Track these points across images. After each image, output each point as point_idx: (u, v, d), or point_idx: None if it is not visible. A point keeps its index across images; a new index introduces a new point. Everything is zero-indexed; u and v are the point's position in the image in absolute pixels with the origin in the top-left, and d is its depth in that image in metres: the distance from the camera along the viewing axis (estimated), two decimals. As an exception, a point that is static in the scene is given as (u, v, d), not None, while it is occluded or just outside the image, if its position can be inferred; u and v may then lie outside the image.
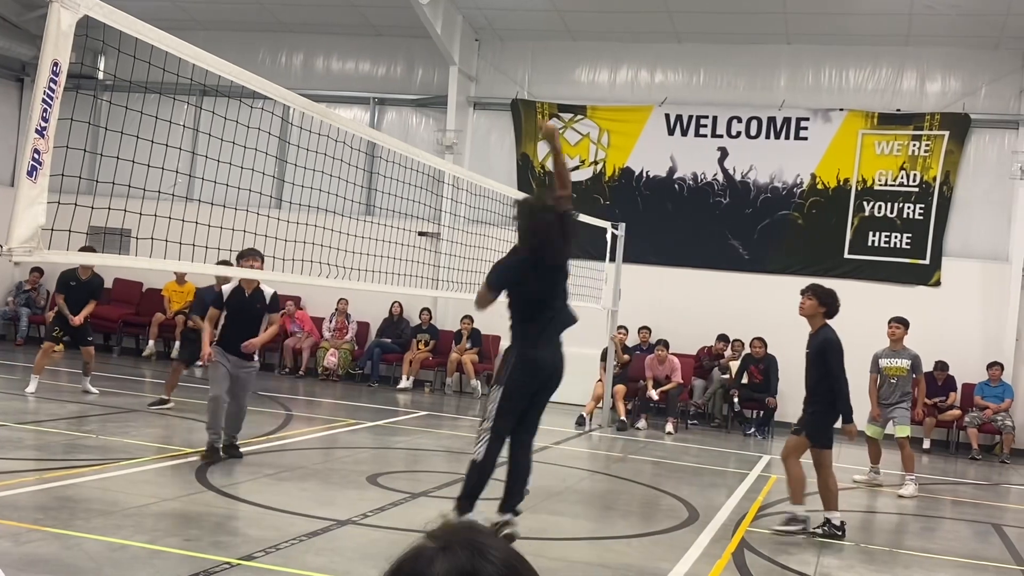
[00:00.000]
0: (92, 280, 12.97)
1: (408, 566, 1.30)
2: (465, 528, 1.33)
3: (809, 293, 8.50)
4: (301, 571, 5.98)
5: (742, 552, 7.43)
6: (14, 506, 6.77)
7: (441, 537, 1.32)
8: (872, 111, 16.10)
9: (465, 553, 1.30)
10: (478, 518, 6.16)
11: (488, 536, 1.33)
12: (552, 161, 6.69)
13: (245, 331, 9.29)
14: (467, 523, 1.35)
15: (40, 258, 4.40)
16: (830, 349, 8.22)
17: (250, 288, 9.33)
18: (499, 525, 6.52)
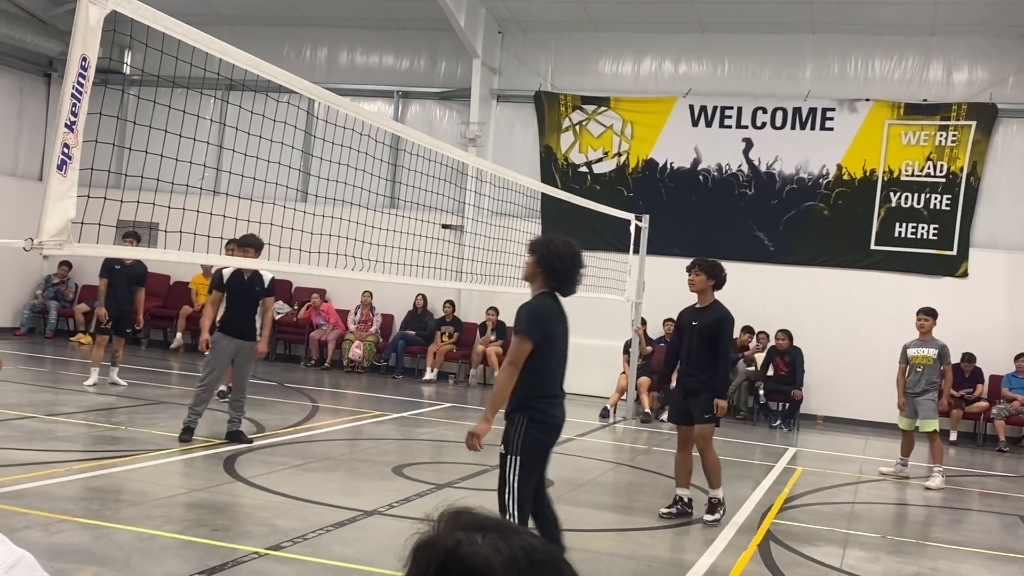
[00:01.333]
0: (136, 266, 13.07)
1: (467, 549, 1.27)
2: (466, 511, 1.34)
3: (696, 269, 8.38)
4: (328, 561, 6.03)
5: (768, 544, 7.42)
6: (45, 496, 6.86)
7: (455, 523, 1.31)
8: (898, 101, 15.98)
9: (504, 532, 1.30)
10: None
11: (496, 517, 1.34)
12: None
13: (245, 314, 9.46)
14: (461, 507, 1.35)
15: (70, 251, 4.44)
16: (728, 326, 8.17)
17: (248, 272, 9.44)
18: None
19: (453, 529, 1.31)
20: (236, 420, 9.59)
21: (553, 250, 5.80)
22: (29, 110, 18.70)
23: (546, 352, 5.70)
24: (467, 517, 1.33)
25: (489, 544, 1.28)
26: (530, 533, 1.32)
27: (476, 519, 1.33)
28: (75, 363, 15.63)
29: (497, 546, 1.28)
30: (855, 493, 10.17)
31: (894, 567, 7.23)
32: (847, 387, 15.60)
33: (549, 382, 5.80)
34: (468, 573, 1.26)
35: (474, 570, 1.26)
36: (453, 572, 1.26)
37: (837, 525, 8.41)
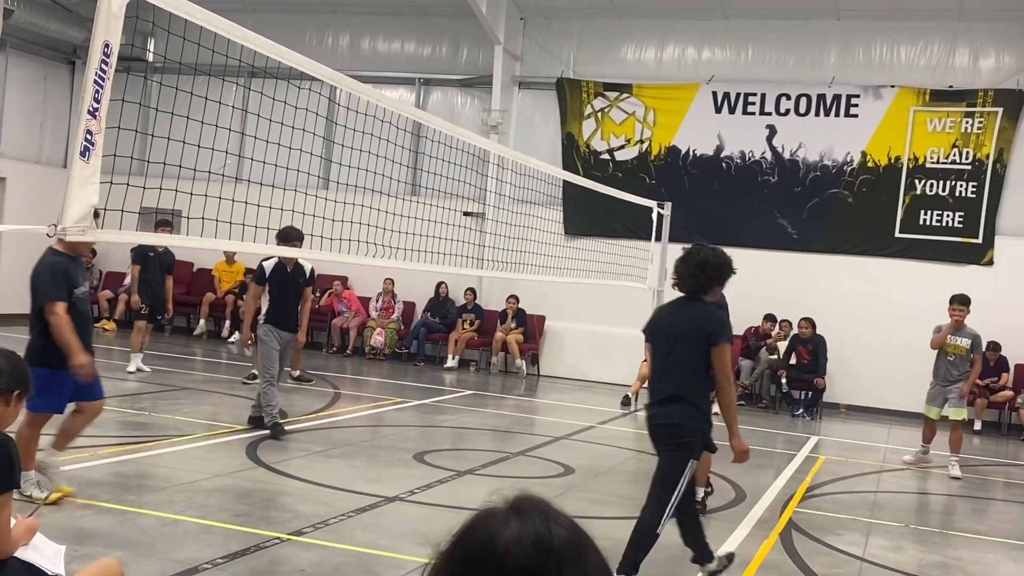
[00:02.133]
0: (167, 254, 13.25)
1: (480, 526, 1.32)
2: (531, 496, 1.36)
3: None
4: (350, 546, 6.06)
5: (790, 533, 7.39)
6: (70, 481, 6.91)
7: (511, 503, 1.34)
8: (924, 88, 15.82)
9: (538, 516, 1.32)
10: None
11: (553, 505, 1.36)
12: None
13: (290, 306, 9.39)
14: (532, 494, 1.37)
15: (93, 237, 4.47)
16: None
17: (291, 264, 9.41)
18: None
19: (497, 508, 1.35)
20: (259, 406, 9.55)
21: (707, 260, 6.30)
22: (53, 97, 18.80)
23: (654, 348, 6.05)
24: (520, 500, 1.36)
25: (504, 524, 1.31)
26: (566, 525, 1.32)
27: (523, 502, 1.35)
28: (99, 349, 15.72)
29: (510, 526, 1.31)
30: (878, 482, 10.12)
31: (917, 556, 7.19)
32: (870, 375, 15.51)
33: (653, 379, 6.09)
34: (475, 545, 1.31)
35: (477, 542, 1.31)
36: (466, 540, 1.32)
37: (860, 514, 8.37)
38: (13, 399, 3.49)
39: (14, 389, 3.48)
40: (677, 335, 5.91)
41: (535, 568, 1.26)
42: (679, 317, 6.04)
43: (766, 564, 6.52)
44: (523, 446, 10.29)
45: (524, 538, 1.29)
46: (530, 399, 14.63)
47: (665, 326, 6.07)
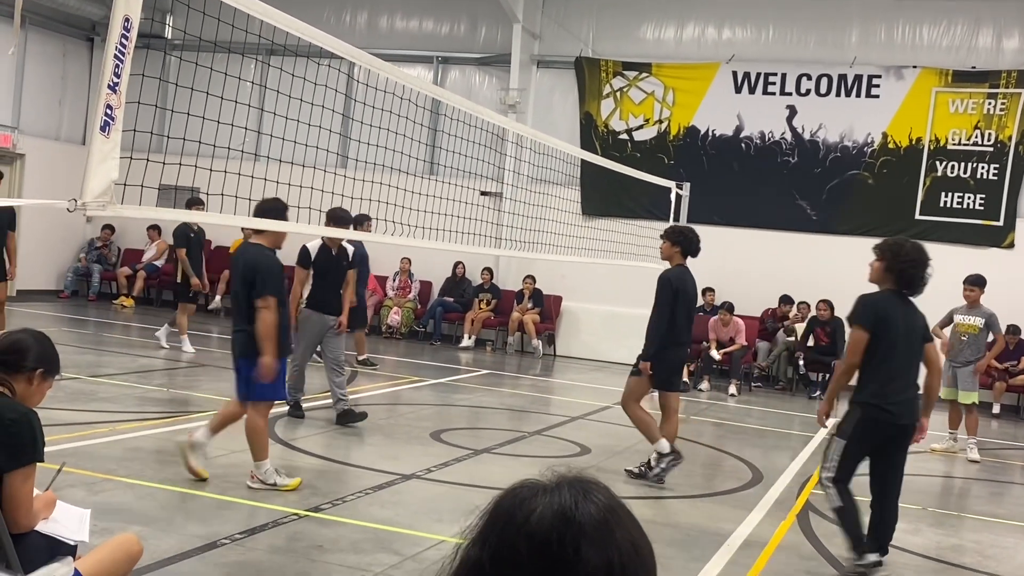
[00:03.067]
0: (202, 230, 13.31)
1: (510, 497, 1.31)
2: (577, 475, 1.34)
3: (663, 237, 8.51)
4: (367, 523, 6.07)
5: (807, 514, 7.37)
6: (88, 456, 6.95)
7: (551, 478, 1.32)
8: (946, 68, 15.66)
9: (570, 492, 1.30)
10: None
11: (597, 484, 1.34)
12: None
13: (334, 289, 9.14)
14: (581, 473, 1.35)
15: (113, 212, 4.46)
16: (660, 285, 8.03)
17: (336, 247, 9.25)
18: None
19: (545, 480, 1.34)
20: (342, 399, 9.13)
21: (902, 256, 6.15)
22: (72, 74, 18.82)
23: (883, 344, 5.92)
24: (564, 476, 1.35)
25: (534, 495, 1.30)
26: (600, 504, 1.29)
27: (566, 477, 1.34)
28: (118, 325, 15.82)
29: (539, 497, 1.30)
30: (896, 465, 10.06)
31: (935, 539, 7.16)
32: (888, 358, 15.39)
33: (886, 376, 5.97)
34: (501, 512, 1.30)
35: (504, 510, 1.30)
36: (496, 507, 1.32)
37: (877, 496, 8.31)
38: (36, 377, 3.53)
39: (38, 368, 3.52)
40: (918, 334, 6.12)
41: (550, 540, 1.25)
42: (910, 315, 6.14)
43: (783, 545, 6.50)
44: (539, 426, 10.30)
45: (547, 510, 1.28)
46: (546, 379, 14.63)
47: (905, 325, 6.07)
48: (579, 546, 1.25)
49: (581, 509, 1.28)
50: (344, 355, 9.27)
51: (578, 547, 1.25)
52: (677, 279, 8.03)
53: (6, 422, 3.28)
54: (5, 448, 3.25)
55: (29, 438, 3.31)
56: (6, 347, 3.51)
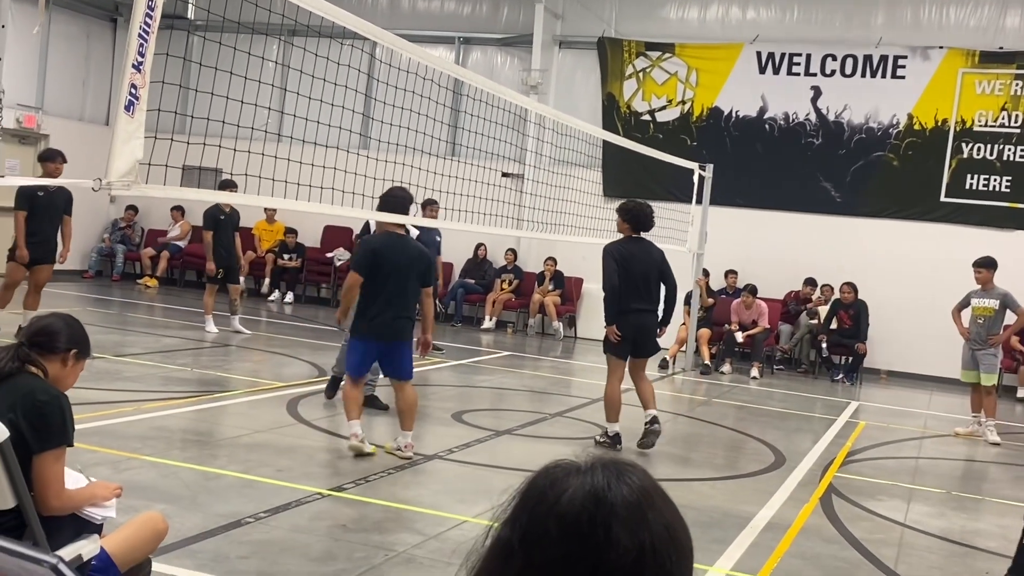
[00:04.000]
0: (235, 212, 13.18)
1: (544, 477, 1.30)
2: (613, 457, 1.33)
3: (616, 212, 8.86)
4: (389, 503, 6.09)
5: (830, 497, 7.34)
6: (114, 435, 7.00)
7: (587, 459, 1.31)
8: (973, 49, 15.47)
9: (603, 474, 1.29)
10: None
11: (633, 466, 1.32)
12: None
13: None
14: (617, 455, 1.34)
15: (138, 192, 4.47)
16: (602, 257, 8.44)
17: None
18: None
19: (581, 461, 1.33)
20: (369, 383, 8.96)
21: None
22: (96, 55, 18.88)
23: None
24: (599, 457, 1.34)
25: (567, 475, 1.29)
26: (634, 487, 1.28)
27: (601, 459, 1.33)
28: (142, 305, 15.92)
29: (573, 477, 1.28)
30: (919, 448, 10.03)
31: (959, 523, 7.12)
32: (913, 341, 15.33)
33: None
34: (534, 490, 1.29)
35: (536, 488, 1.29)
36: (529, 485, 1.31)
37: (901, 480, 8.29)
38: (70, 359, 3.56)
39: (71, 349, 3.56)
40: None
41: (581, 521, 1.24)
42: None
43: (806, 528, 6.48)
44: (561, 407, 10.30)
45: (579, 490, 1.26)
46: (567, 361, 14.62)
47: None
48: (610, 527, 1.23)
49: (614, 490, 1.26)
50: None
51: (609, 528, 1.23)
52: (616, 251, 8.42)
53: (37, 403, 3.31)
54: (35, 429, 3.28)
55: (59, 421, 3.34)
56: (38, 330, 3.55)
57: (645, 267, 8.46)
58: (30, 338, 3.50)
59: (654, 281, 8.51)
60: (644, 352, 8.55)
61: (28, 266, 10.37)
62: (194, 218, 17.96)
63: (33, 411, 3.28)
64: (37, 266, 10.42)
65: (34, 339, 3.49)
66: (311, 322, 15.56)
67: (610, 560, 1.22)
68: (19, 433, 3.22)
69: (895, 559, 6.02)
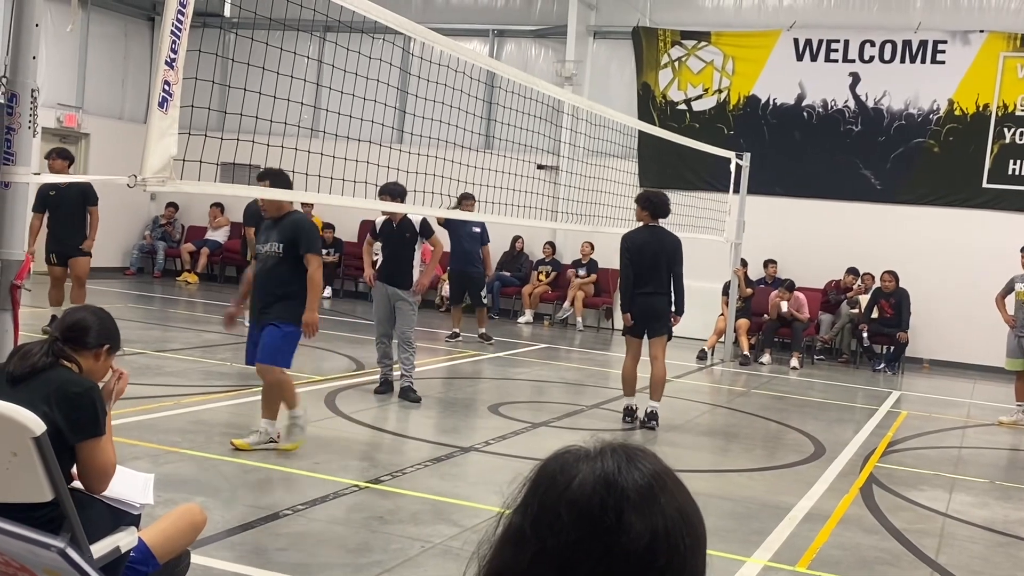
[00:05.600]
0: None
1: (554, 463, 1.30)
2: (623, 442, 1.33)
3: (636, 201, 9.31)
4: (425, 495, 6.11)
5: (870, 487, 7.27)
6: (154, 429, 7.09)
7: (596, 445, 1.32)
8: (1015, 32, 15.20)
9: (614, 459, 1.29)
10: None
11: (644, 451, 1.32)
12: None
13: (397, 260, 9.13)
14: (627, 440, 1.34)
15: (173, 188, 4.51)
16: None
17: (396, 219, 9.26)
18: None
19: (590, 446, 1.33)
20: (406, 375, 9.13)
21: None
22: (133, 54, 19.08)
23: None
24: (609, 442, 1.34)
25: (577, 460, 1.29)
26: (645, 472, 1.28)
27: (611, 444, 1.33)
28: (182, 301, 16.10)
29: (583, 462, 1.28)
30: (962, 438, 9.90)
31: (1002, 513, 7.02)
32: (955, 330, 15.13)
33: None
34: (545, 475, 1.30)
35: (548, 473, 1.30)
36: (540, 470, 1.32)
37: (943, 470, 8.20)
38: (103, 354, 3.61)
39: (103, 344, 3.60)
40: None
41: (593, 505, 1.24)
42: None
43: (846, 518, 6.42)
44: (597, 399, 10.28)
45: (591, 475, 1.26)
46: (604, 353, 14.59)
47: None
48: (622, 512, 1.23)
49: (625, 475, 1.26)
50: (414, 331, 9.25)
51: (621, 513, 1.23)
52: (629, 239, 8.98)
53: (71, 395, 3.36)
54: (70, 421, 3.33)
55: (92, 412, 3.39)
56: (69, 325, 3.59)
57: (655, 253, 8.85)
58: (63, 333, 3.54)
59: (664, 267, 8.86)
60: (652, 332, 8.96)
61: (60, 263, 10.63)
62: (233, 214, 18.14)
63: (67, 403, 3.34)
64: (71, 260, 10.67)
65: (67, 334, 3.54)
66: (349, 316, 15.65)
67: (623, 545, 1.22)
68: (54, 425, 3.27)
69: (936, 549, 5.95)
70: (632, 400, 9.01)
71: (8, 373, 3.41)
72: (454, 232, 13.38)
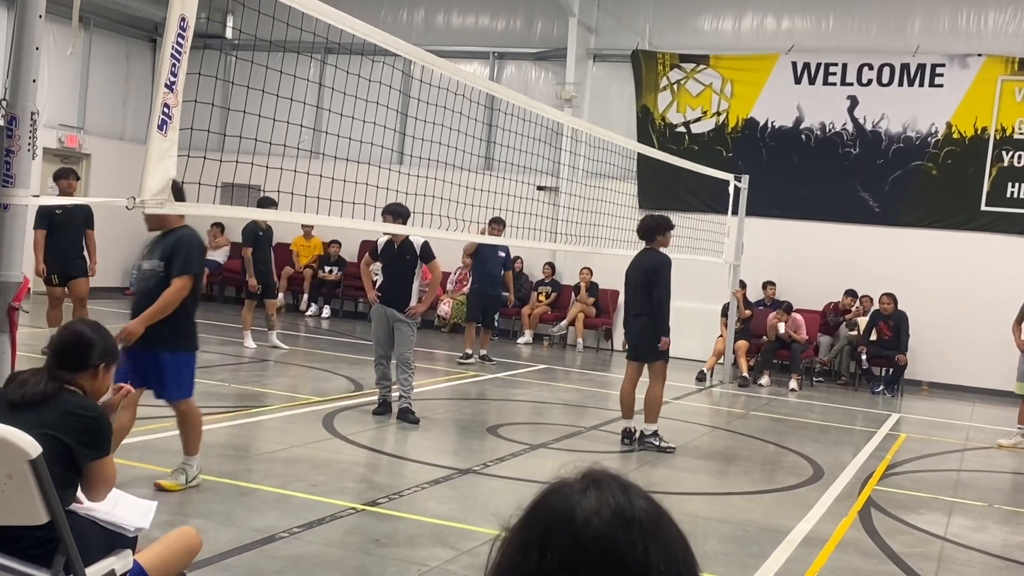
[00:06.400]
0: (270, 229, 13.42)
1: (558, 496, 1.31)
2: (606, 470, 1.34)
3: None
4: (423, 517, 6.10)
5: (868, 511, 7.25)
6: (152, 450, 7.08)
7: (585, 474, 1.33)
8: (1012, 56, 15.27)
9: (617, 488, 1.31)
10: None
11: (622, 477, 1.35)
12: None
13: (397, 282, 9.15)
14: (604, 467, 1.36)
15: (171, 210, 4.53)
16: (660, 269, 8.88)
17: (397, 240, 9.28)
18: None
19: (574, 479, 1.34)
20: (404, 396, 9.11)
21: None
22: (135, 75, 19.16)
23: None
24: (595, 472, 1.35)
25: (583, 494, 1.30)
26: (646, 498, 1.31)
27: (600, 474, 1.34)
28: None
29: (588, 497, 1.29)
30: (961, 461, 9.88)
31: (1001, 537, 7.01)
32: (954, 352, 15.13)
33: None
34: (553, 514, 1.30)
35: (556, 512, 1.29)
36: (543, 509, 1.31)
37: (942, 493, 8.18)
38: (101, 371, 3.64)
39: (103, 362, 3.63)
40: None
41: (617, 540, 1.25)
42: None
43: (844, 542, 6.40)
44: (596, 421, 10.26)
45: (604, 509, 1.28)
46: (604, 374, 14.57)
47: None
48: (646, 544, 1.26)
49: (636, 506, 1.29)
50: (413, 352, 9.25)
51: (641, 545, 1.26)
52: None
53: (87, 420, 3.44)
54: (81, 444, 3.40)
55: (102, 435, 3.48)
56: (70, 346, 3.60)
57: (635, 276, 9.03)
58: (61, 357, 3.55)
59: (639, 289, 8.94)
60: (640, 355, 9.03)
61: (61, 283, 10.63)
62: (234, 234, 18.16)
63: (78, 427, 3.40)
64: (71, 281, 10.67)
65: (65, 357, 3.55)
66: (349, 336, 15.65)
67: (649, 573, 1.25)
68: (63, 447, 3.33)
69: (935, 573, 5.93)
70: (630, 422, 9.04)
71: (8, 401, 3.42)
72: (480, 255, 13.67)
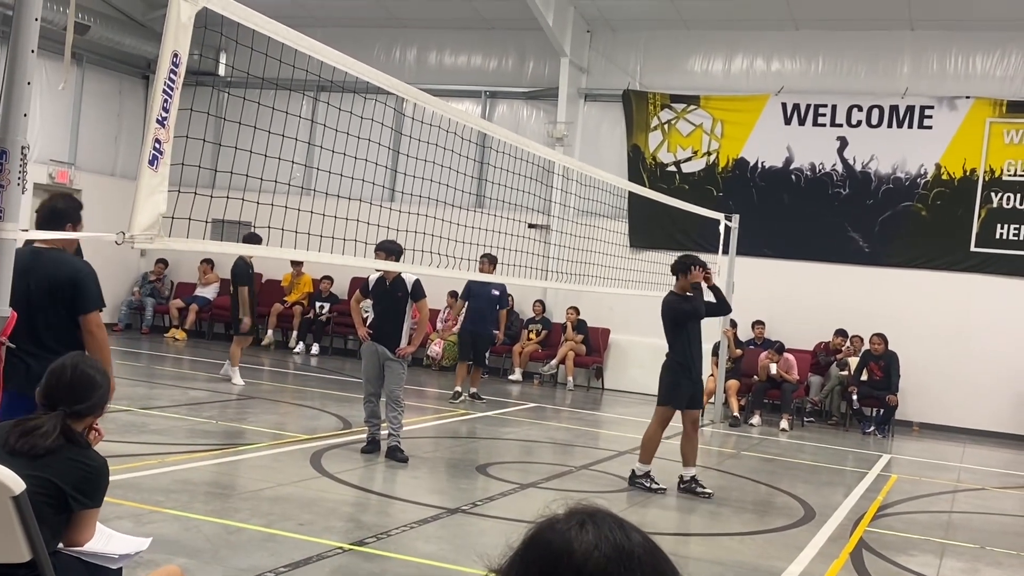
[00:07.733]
0: (251, 266, 13.42)
1: (554, 532, 1.30)
2: (597, 507, 1.34)
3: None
4: (411, 557, 6.03)
5: (860, 552, 7.20)
6: (137, 488, 7.00)
7: (578, 511, 1.33)
8: (1000, 99, 15.42)
9: (613, 524, 1.31)
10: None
11: (611, 513, 1.36)
12: None
13: (388, 319, 9.15)
14: (596, 504, 1.35)
15: (161, 245, 4.50)
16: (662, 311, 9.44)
17: (390, 278, 9.27)
18: None
19: (566, 515, 1.34)
20: (393, 434, 9.06)
21: None
22: (128, 111, 19.20)
23: None
24: (587, 508, 1.36)
25: (580, 529, 1.30)
26: (640, 532, 1.30)
27: (592, 511, 1.35)
28: (169, 358, 16.00)
29: (586, 532, 1.29)
30: (952, 502, 9.84)
31: (994, 580, 6.96)
32: (944, 393, 15.12)
33: None
34: (551, 550, 1.30)
35: (553, 548, 1.29)
36: (540, 545, 1.31)
37: (933, 534, 8.13)
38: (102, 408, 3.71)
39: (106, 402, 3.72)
40: None
41: (617, 574, 1.25)
42: None
43: (836, 584, 6.35)
44: (586, 460, 10.21)
45: (604, 543, 1.28)
46: (594, 413, 14.53)
47: None
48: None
49: (634, 541, 1.30)
50: (403, 390, 9.22)
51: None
52: None
53: (92, 470, 3.48)
54: (80, 491, 3.42)
55: (99, 486, 3.52)
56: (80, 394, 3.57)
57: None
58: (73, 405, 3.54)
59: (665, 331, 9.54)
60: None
61: None
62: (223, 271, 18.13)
63: (78, 473, 3.43)
64: None
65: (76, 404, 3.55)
66: (337, 373, 15.58)
67: None
68: (56, 490, 3.35)
69: (928, 617, 5.87)
70: (684, 470, 9.20)
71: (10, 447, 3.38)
72: (474, 293, 13.64)
